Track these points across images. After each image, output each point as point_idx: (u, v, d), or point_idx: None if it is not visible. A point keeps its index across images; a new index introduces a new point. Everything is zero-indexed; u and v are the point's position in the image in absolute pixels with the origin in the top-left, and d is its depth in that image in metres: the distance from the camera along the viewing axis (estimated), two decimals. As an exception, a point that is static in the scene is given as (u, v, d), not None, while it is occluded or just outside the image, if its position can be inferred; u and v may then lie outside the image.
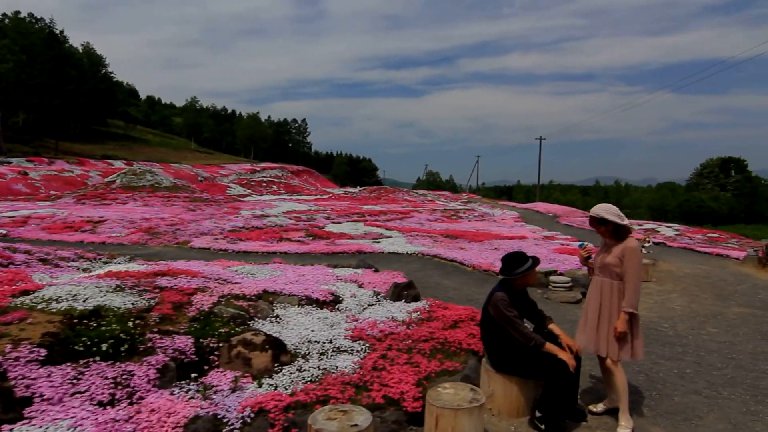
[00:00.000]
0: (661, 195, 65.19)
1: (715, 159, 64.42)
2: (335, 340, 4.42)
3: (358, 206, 25.33)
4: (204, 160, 71.15)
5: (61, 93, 56.62)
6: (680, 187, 68.60)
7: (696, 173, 66.22)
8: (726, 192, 59.13)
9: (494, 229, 14.17)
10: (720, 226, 44.67)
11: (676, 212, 55.90)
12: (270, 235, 11.08)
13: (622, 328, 3.18)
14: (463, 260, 8.34)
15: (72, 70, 58.99)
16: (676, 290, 7.17)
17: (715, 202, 55.70)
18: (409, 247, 9.65)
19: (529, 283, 3.46)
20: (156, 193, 24.43)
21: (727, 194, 58.50)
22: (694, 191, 60.87)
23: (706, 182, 62.67)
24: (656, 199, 63.83)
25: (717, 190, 59.74)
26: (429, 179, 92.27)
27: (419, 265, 8.10)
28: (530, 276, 3.41)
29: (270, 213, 18.75)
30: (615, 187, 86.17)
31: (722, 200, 56.60)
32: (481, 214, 23.20)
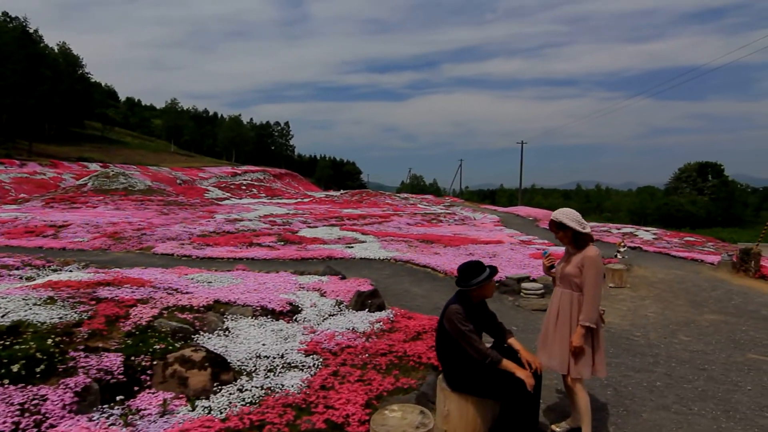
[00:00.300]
0: (640, 199, 66.31)
1: (693, 164, 65.83)
2: (287, 354, 4.10)
3: (338, 210, 24.99)
4: (184, 163, 69.86)
5: (35, 93, 54.94)
6: (659, 191, 69.88)
7: (674, 177, 67.57)
8: (703, 196, 60.44)
9: (472, 234, 14.00)
10: (698, 229, 45.57)
11: (656, 216, 56.93)
12: (240, 240, 10.67)
13: (578, 342, 2.94)
14: (436, 266, 8.09)
15: (47, 70, 57.34)
16: (650, 296, 7.03)
17: (693, 206, 56.87)
18: (383, 252, 9.37)
19: (485, 295, 3.19)
20: (129, 197, 23.67)
21: (704, 198, 59.81)
22: (673, 195, 62.10)
23: (685, 186, 63.96)
24: (636, 202, 64.90)
25: (695, 194, 61.03)
26: (413, 183, 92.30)
27: (390, 272, 7.82)
28: (487, 288, 3.14)
29: (246, 217, 18.27)
30: (596, 191, 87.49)
31: (700, 204, 57.82)
32: (462, 218, 23.08)
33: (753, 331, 5.53)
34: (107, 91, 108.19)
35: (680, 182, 65.58)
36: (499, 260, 8.74)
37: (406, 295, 6.41)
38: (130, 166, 51.28)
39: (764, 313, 6.28)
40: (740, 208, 60.86)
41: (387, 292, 6.43)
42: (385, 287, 6.67)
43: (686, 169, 66.08)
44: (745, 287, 7.44)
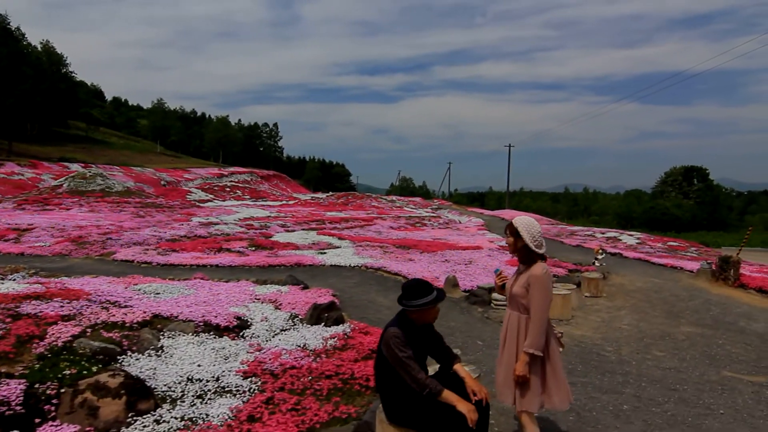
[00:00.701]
0: (627, 202, 66.81)
1: (679, 168, 66.45)
2: (223, 377, 3.73)
3: (321, 213, 24.59)
4: (170, 164, 68.80)
5: (15, 92, 53.63)
6: (646, 195, 70.47)
7: (660, 181, 68.14)
8: (689, 200, 61.00)
9: (452, 239, 13.71)
10: (683, 233, 45.92)
11: (642, 219, 57.32)
12: (209, 245, 10.24)
13: (520, 371, 2.63)
14: (407, 274, 7.76)
15: (28, 68, 56.04)
16: (626, 306, 6.77)
17: (679, 210, 57.36)
18: (355, 258, 9.02)
19: (426, 320, 2.84)
20: (106, 199, 23.04)
21: (689, 202, 60.36)
22: (659, 199, 62.59)
23: (670, 190, 64.50)
24: (623, 206, 65.35)
25: (680, 198, 61.56)
26: (402, 185, 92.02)
27: (358, 280, 7.47)
28: (428, 313, 2.78)
29: (223, 220, 17.80)
30: (584, 194, 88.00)
31: (685, 208, 58.35)
32: (447, 222, 22.83)
33: (729, 345, 5.28)
34: (93, 91, 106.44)
35: (666, 186, 66.13)
36: (474, 268, 8.44)
37: (370, 307, 6.06)
38: (113, 167, 50.30)
39: (741, 324, 6.05)
40: (725, 212, 61.59)
41: (350, 303, 6.08)
42: (349, 297, 6.32)
43: (672, 173, 66.69)
44: (723, 297, 7.22)
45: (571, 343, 5.19)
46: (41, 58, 66.26)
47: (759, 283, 7.55)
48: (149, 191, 34.85)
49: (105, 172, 29.50)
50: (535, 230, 2.85)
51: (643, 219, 57.49)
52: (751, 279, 7.75)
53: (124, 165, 53.33)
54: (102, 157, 61.76)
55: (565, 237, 19.64)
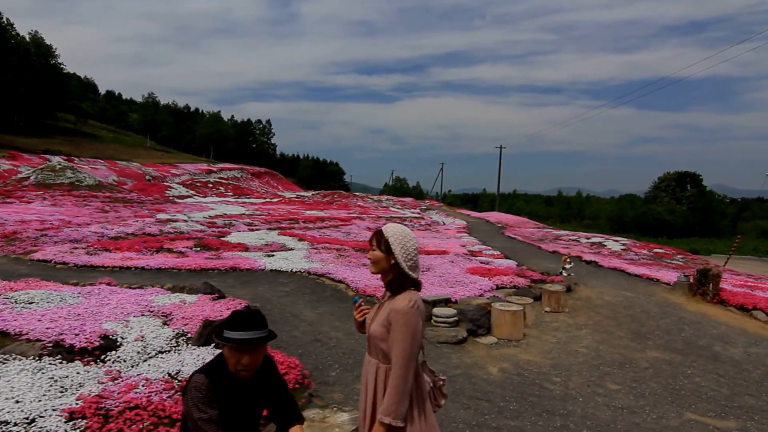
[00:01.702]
0: (620, 207, 66.26)
1: (672, 173, 66.02)
2: (41, 419, 2.89)
3: (300, 212, 23.73)
4: (159, 159, 67.64)
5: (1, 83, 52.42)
6: (639, 199, 69.98)
7: (654, 186, 67.70)
8: (681, 205, 60.57)
9: (423, 241, 12.90)
10: (675, 239, 45.40)
11: (634, 224, 56.86)
12: (149, 244, 9.37)
13: None
14: (351, 282, 6.94)
15: (12, 58, 54.75)
16: (588, 324, 5.98)
17: (671, 215, 56.90)
18: (302, 262, 8.18)
19: (248, 365, 1.99)
20: (73, 192, 22.06)
21: (682, 207, 59.92)
22: (652, 204, 62.12)
23: (663, 195, 64.04)
24: (615, 210, 64.86)
25: (673, 203, 61.11)
26: (396, 185, 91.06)
27: (293, 288, 6.63)
28: (246, 354, 1.94)
29: (192, 217, 16.90)
30: (577, 197, 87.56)
31: (678, 213, 57.89)
32: (429, 223, 22.04)
33: (699, 376, 4.50)
34: (86, 84, 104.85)
35: (659, 191, 65.68)
36: (430, 275, 7.62)
37: (289, 322, 5.23)
38: (97, 161, 49.28)
39: (716, 349, 5.27)
40: (718, 219, 61.23)
41: (268, 316, 5.24)
42: (270, 310, 5.50)
43: (665, 179, 66.26)
44: (699, 315, 6.44)
45: (512, 371, 4.39)
46: (29, 49, 64.85)
47: (740, 300, 6.79)
48: (127, 186, 33.85)
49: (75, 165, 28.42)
50: (410, 245, 2.02)
51: (635, 224, 57.06)
52: (731, 295, 6.99)
53: (111, 159, 52.24)
54: (88, 150, 60.49)
55: (548, 242, 18.90)
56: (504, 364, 4.52)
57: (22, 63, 58.11)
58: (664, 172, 70.07)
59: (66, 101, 77.93)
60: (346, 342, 4.69)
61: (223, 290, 5.88)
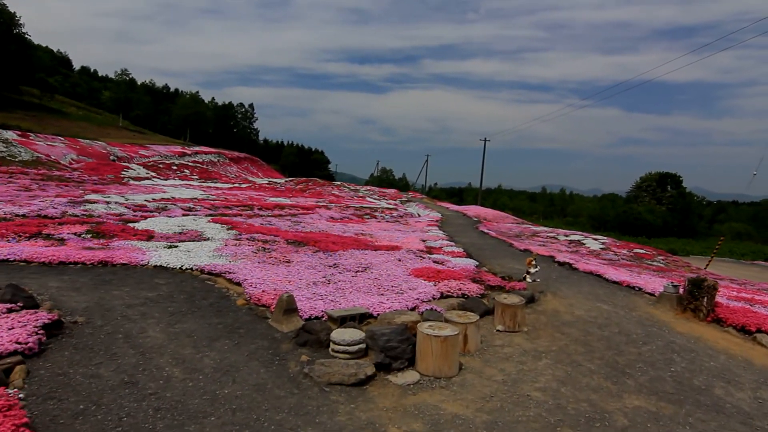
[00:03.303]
0: (601, 205, 65.98)
1: (654, 173, 65.94)
2: None
3: (262, 198, 21.93)
4: (130, 139, 64.54)
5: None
6: (621, 199, 69.86)
7: (635, 186, 67.58)
8: (661, 206, 60.47)
9: (380, 234, 11.33)
10: (653, 238, 44.99)
11: (614, 222, 56.53)
12: (25, 228, 7.57)
13: None
14: (256, 282, 5.33)
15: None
16: (550, 352, 4.49)
17: (651, 215, 56.66)
18: (204, 257, 6.51)
19: None
20: (1, 168, 19.83)
21: (662, 208, 59.83)
22: (633, 203, 61.90)
23: (645, 195, 63.92)
24: (597, 208, 64.50)
25: (653, 204, 60.99)
26: (381, 176, 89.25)
27: (163, 292, 4.95)
28: None
29: (131, 200, 15.01)
30: (560, 194, 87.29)
31: (657, 213, 57.71)
32: (402, 215, 20.48)
33: (700, 446, 3.04)
34: (59, 58, 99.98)
35: (641, 191, 65.55)
36: (362, 278, 6.04)
37: (110, 349, 3.59)
38: (57, 137, 46.43)
39: (718, 393, 3.84)
40: (695, 220, 61.40)
41: (91, 336, 3.61)
42: (101, 326, 3.87)
43: (647, 179, 66.13)
44: (692, 339, 5.03)
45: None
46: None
47: (740, 319, 5.41)
48: (78, 165, 31.43)
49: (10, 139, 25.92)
50: None
51: (615, 222, 56.72)
52: (729, 312, 5.61)
53: (75, 137, 49.35)
54: (52, 127, 57.12)
55: (524, 238, 17.57)
56: (415, 426, 2.99)
57: (-18, 30, 54.24)
58: (646, 172, 70.02)
59: (32, 74, 73.63)
60: (177, 386, 3.09)
61: (60, 295, 4.24)
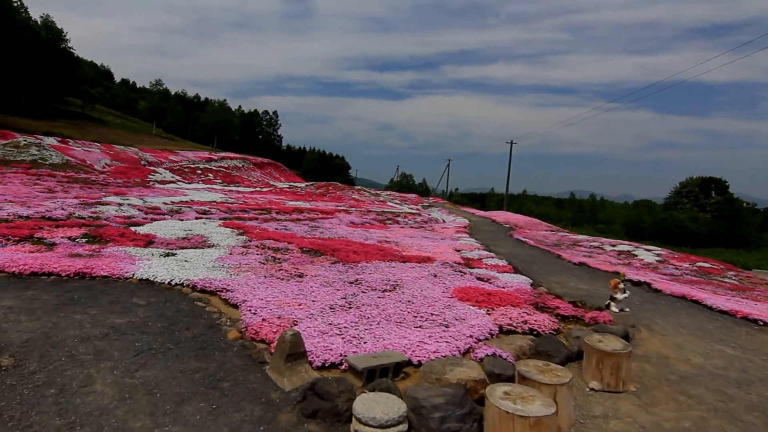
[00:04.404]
0: (636, 212, 62.24)
1: (695, 178, 62.04)
2: None
3: (281, 201, 21.03)
4: (162, 146, 65.92)
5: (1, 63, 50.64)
6: (657, 206, 66.03)
7: (674, 192, 63.78)
8: (705, 213, 56.70)
9: (406, 242, 10.04)
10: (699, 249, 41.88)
11: (652, 231, 53.15)
12: (16, 231, 6.68)
13: None
14: (252, 307, 4.14)
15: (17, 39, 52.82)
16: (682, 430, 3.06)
17: (694, 223, 53.07)
18: (200, 269, 5.40)
19: None
20: (31, 170, 19.69)
21: (706, 215, 56.05)
22: (673, 210, 58.29)
23: (685, 202, 60.21)
24: (631, 215, 60.78)
25: (696, 211, 57.27)
26: (401, 181, 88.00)
27: (137, 318, 3.83)
28: None
29: (149, 202, 14.37)
30: (590, 201, 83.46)
31: (701, 221, 54.01)
32: (426, 220, 19.14)
33: None
34: (102, 71, 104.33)
35: (680, 197, 61.83)
36: (393, 300, 4.75)
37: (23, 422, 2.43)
38: (93, 144, 47.61)
39: None
40: (744, 228, 57.06)
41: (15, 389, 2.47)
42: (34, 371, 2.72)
43: (687, 184, 62.33)
44: None
45: None
46: (39, 32, 63.09)
47: None
48: (106, 169, 31.55)
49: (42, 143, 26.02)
50: None
51: (653, 231, 53.34)
52: None
53: (111, 143, 50.53)
54: (92, 134, 58.80)
55: (564, 248, 15.91)
56: None
57: (31, 45, 56.26)
58: (686, 177, 66.02)
59: (76, 86, 76.23)
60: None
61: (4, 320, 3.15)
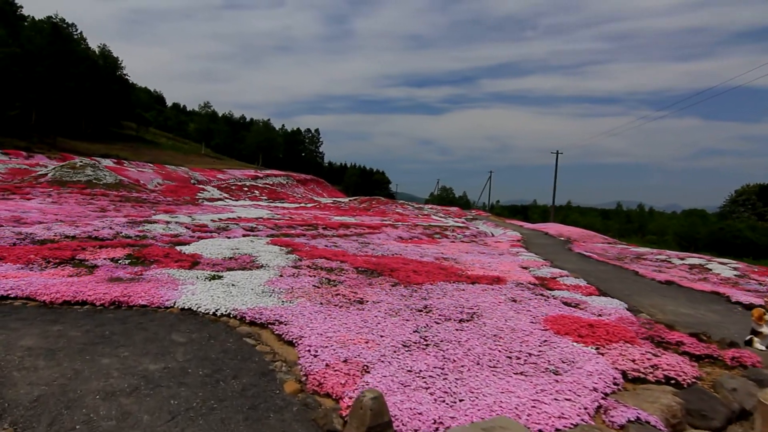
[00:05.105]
0: (690, 222, 57.50)
1: (753, 186, 57.13)
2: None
3: (327, 217, 20.66)
4: (210, 165, 68.59)
5: (62, 90, 54.67)
6: (711, 215, 61.07)
7: (730, 200, 58.96)
8: (765, 222, 51.79)
9: (466, 258, 9.15)
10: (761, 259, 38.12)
11: (707, 241, 48.93)
12: (58, 253, 6.41)
13: None
14: (312, 346, 3.45)
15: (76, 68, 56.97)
16: None
17: (753, 233, 48.40)
18: (249, 295, 4.78)
19: None
20: (85, 190, 20.37)
21: (766, 224, 51.15)
22: (729, 220, 53.65)
23: (742, 210, 55.43)
24: (685, 226, 56.18)
25: (754, 219, 52.44)
26: (441, 195, 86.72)
27: (177, 361, 3.18)
28: None
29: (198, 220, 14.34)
30: (638, 211, 78.49)
31: (761, 230, 49.21)
32: (475, 234, 18.11)
33: None
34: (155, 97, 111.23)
35: (737, 205, 57.02)
36: (474, 333, 3.93)
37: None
38: (146, 164, 50.17)
39: None
40: (810, 238, 51.47)
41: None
42: None
43: (744, 192, 57.48)
44: None
45: None
46: (97, 61, 67.89)
47: None
48: (158, 188, 32.67)
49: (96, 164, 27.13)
50: None
51: (708, 241, 49.06)
52: None
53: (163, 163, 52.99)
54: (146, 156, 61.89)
55: (630, 261, 14.38)
56: None
57: (90, 73, 60.54)
58: (742, 185, 60.95)
59: (131, 110, 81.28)
60: None
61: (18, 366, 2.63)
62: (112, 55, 74.08)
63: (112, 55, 74.08)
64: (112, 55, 74.08)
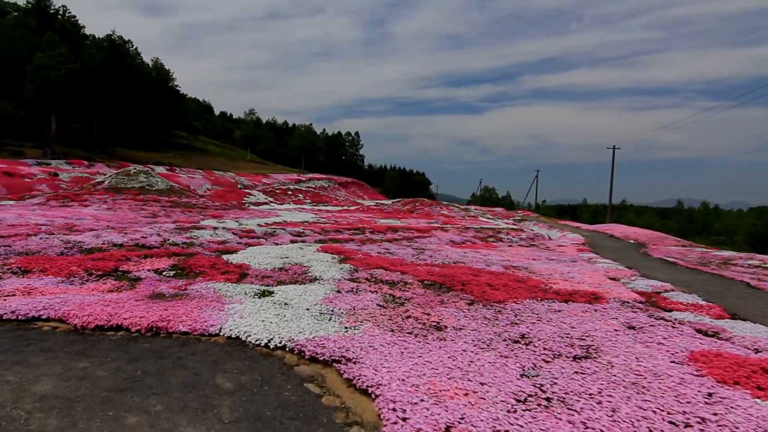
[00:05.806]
0: (763, 221, 51.65)
1: (839, 179, 50.61)
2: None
3: (372, 220, 19.97)
4: (255, 170, 70.40)
5: (119, 102, 57.91)
6: (787, 212, 54.76)
7: (809, 196, 52.61)
8: None
9: (539, 267, 8.03)
10: None
11: (786, 241, 43.95)
12: (101, 264, 5.98)
13: None
14: (395, 397, 2.61)
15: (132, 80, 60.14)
16: None
17: (836, 231, 43.01)
18: (306, 318, 4.04)
19: None
20: (139, 196, 20.82)
21: None
22: (811, 216, 47.92)
23: (830, 207, 49.26)
24: (758, 225, 50.51)
25: (838, 216, 46.57)
26: (484, 195, 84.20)
27: (223, 421, 2.48)
28: None
29: (244, 224, 14.10)
30: (702, 209, 72.13)
31: None
32: (531, 237, 16.77)
33: None
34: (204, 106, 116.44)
35: (818, 201, 50.71)
36: (600, 380, 2.95)
37: None
38: (196, 171, 51.86)
39: None
40: None
41: None
42: None
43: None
44: None
45: None
46: (150, 74, 71.53)
47: None
48: (207, 193, 33.34)
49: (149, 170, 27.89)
50: None
51: (786, 241, 44.02)
52: None
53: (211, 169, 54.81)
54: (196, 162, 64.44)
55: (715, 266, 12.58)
56: None
57: (144, 86, 63.86)
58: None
59: (182, 120, 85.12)
60: None
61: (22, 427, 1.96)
62: (164, 67, 77.79)
63: (164, 67, 77.79)
64: (164, 67, 77.79)
